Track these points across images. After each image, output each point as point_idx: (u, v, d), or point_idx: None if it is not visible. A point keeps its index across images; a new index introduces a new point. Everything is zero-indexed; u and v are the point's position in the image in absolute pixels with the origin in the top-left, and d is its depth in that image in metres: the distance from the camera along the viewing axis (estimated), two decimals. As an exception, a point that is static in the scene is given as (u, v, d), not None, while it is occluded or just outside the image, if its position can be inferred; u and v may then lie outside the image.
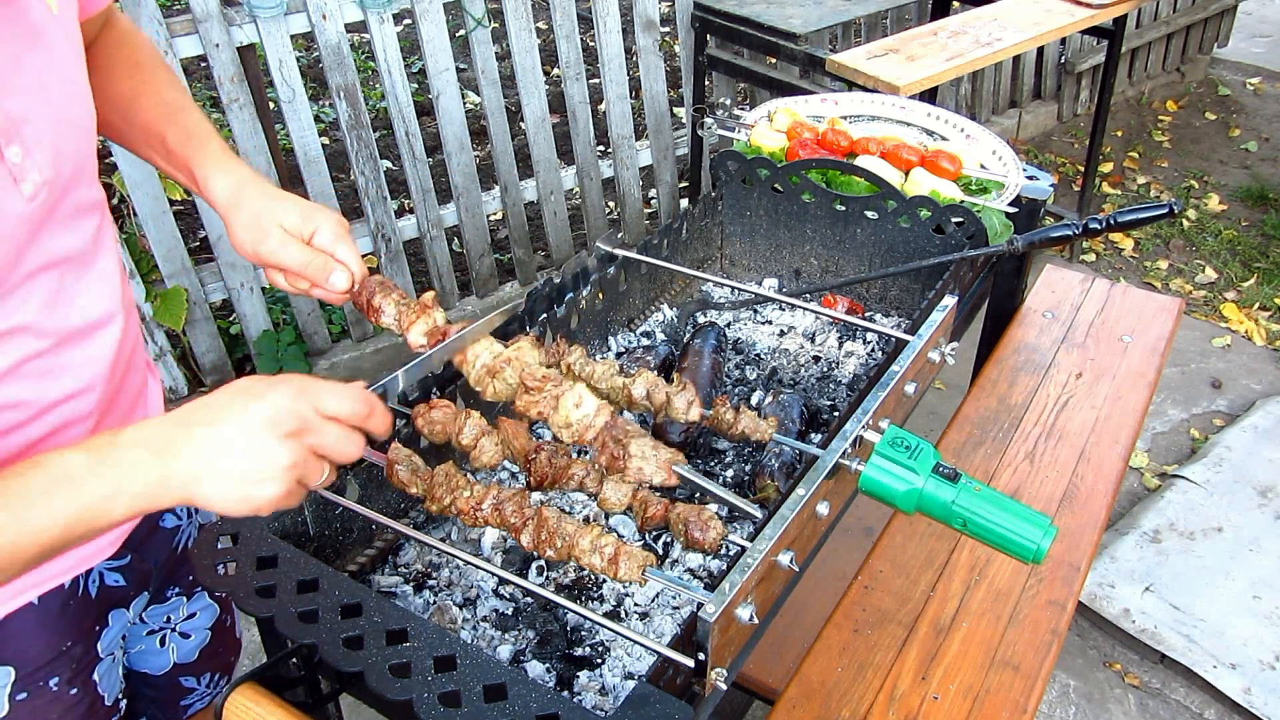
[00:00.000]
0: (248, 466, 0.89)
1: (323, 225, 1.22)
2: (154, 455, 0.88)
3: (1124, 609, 2.88)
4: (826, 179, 1.88)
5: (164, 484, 0.87)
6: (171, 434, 0.89)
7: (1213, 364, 4.06)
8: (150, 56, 1.30)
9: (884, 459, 1.17)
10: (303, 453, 0.91)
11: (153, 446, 0.88)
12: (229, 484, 0.89)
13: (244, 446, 0.89)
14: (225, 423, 0.90)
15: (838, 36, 4.72)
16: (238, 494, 0.89)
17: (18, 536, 0.83)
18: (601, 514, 1.43)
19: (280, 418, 0.90)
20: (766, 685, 1.98)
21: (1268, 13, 7.35)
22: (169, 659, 1.48)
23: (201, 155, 1.23)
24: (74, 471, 0.86)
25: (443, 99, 3.63)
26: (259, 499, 0.90)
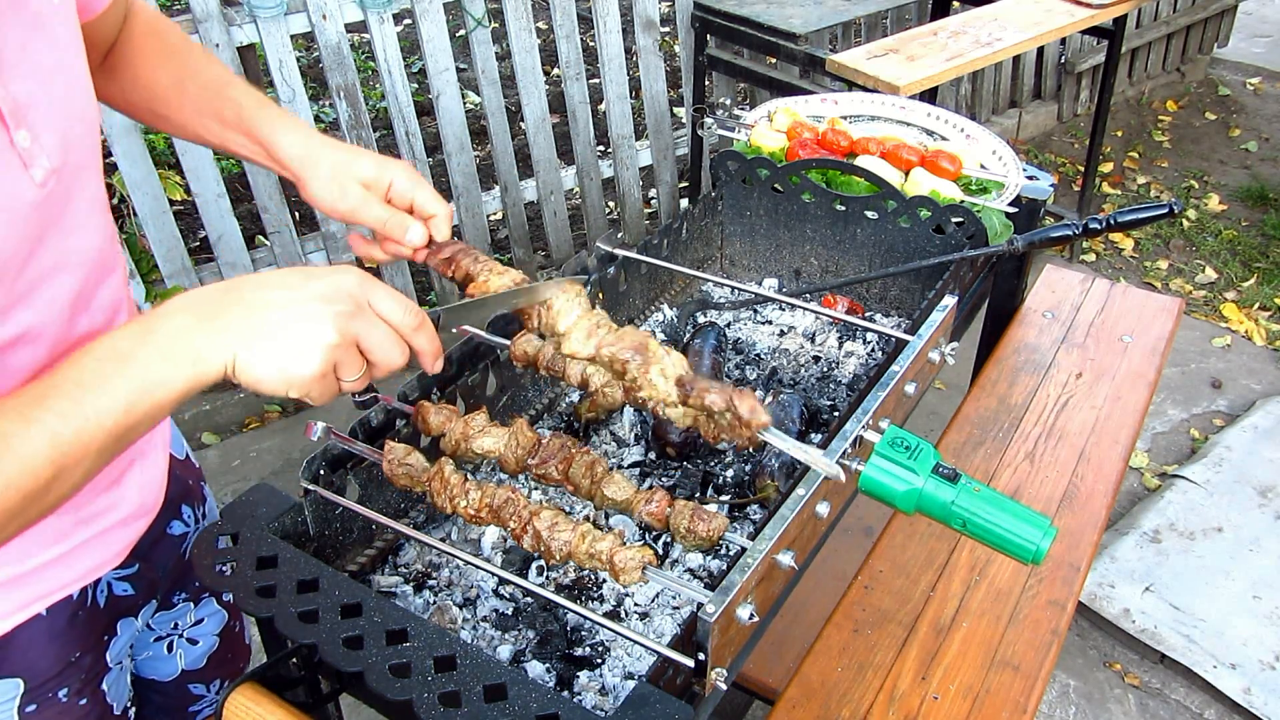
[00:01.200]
0: (291, 337, 0.88)
1: (397, 174, 1.24)
2: (198, 320, 0.87)
3: (1124, 609, 2.88)
4: (826, 179, 1.88)
5: (209, 347, 0.86)
6: (219, 298, 0.89)
7: (1213, 364, 4.06)
8: (182, 41, 1.30)
9: (884, 459, 1.17)
10: (348, 336, 0.91)
11: (198, 312, 0.88)
12: (268, 350, 0.87)
13: (291, 316, 0.88)
14: (276, 289, 0.90)
15: (838, 36, 4.72)
16: (275, 363, 0.88)
17: (82, 423, 0.82)
18: (602, 514, 1.43)
19: (336, 294, 0.90)
20: (766, 685, 1.98)
21: (1268, 13, 7.36)
22: (177, 665, 1.46)
23: (260, 119, 1.23)
24: (123, 349, 0.85)
25: (443, 99, 3.63)
26: (295, 374, 0.89)
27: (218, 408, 3.63)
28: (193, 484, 1.43)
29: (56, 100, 0.96)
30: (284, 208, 3.55)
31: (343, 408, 3.90)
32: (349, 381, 0.94)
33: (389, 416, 1.33)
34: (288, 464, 3.50)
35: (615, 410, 1.61)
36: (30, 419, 0.80)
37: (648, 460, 1.54)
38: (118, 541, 1.21)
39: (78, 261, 1.02)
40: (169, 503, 1.32)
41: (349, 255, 3.69)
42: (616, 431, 1.59)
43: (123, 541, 1.22)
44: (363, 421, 1.30)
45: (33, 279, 0.96)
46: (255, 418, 3.71)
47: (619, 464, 1.55)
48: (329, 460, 1.26)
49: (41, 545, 1.11)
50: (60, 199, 0.97)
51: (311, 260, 3.64)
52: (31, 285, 0.96)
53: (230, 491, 3.37)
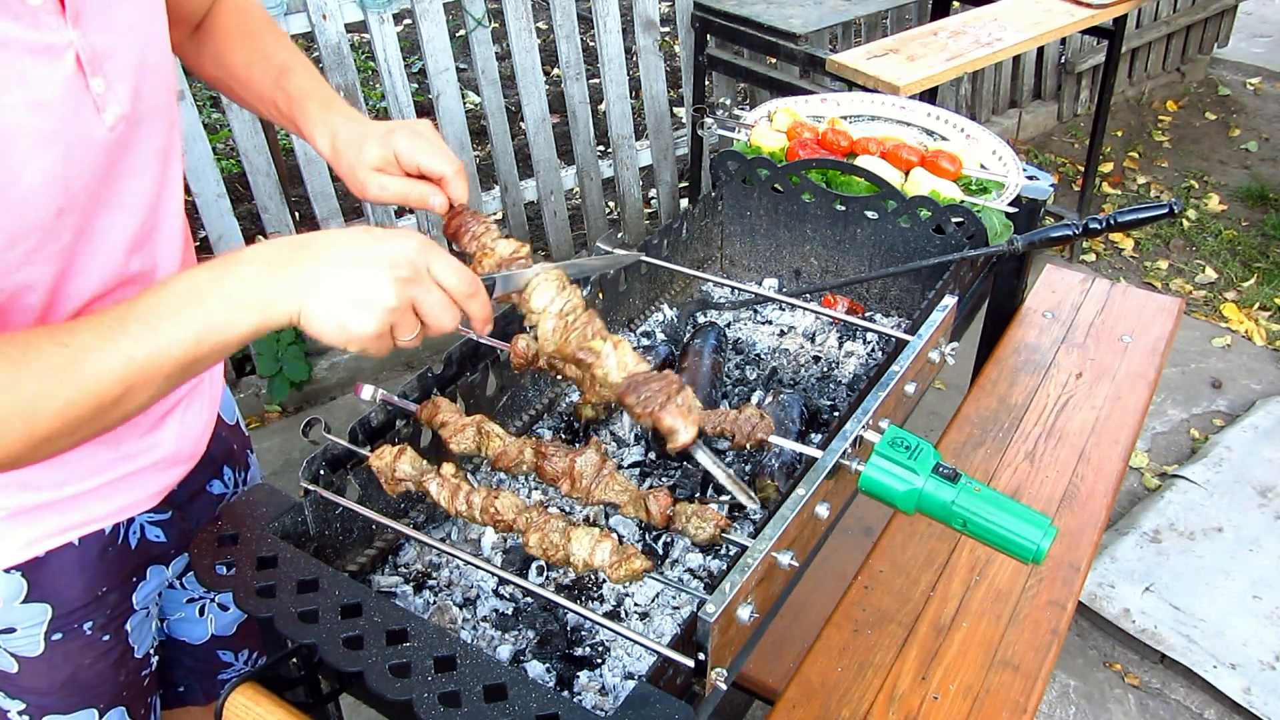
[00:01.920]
0: (354, 293, 0.93)
1: (399, 143, 1.26)
2: (269, 269, 0.93)
3: (1124, 609, 2.88)
4: (826, 179, 1.88)
5: (277, 296, 0.92)
6: (291, 252, 0.95)
7: (1213, 364, 4.06)
8: (260, 21, 1.38)
9: (884, 459, 1.17)
10: (406, 301, 0.96)
11: (271, 261, 0.93)
12: (332, 305, 0.93)
13: (356, 275, 0.93)
14: (345, 248, 0.95)
15: (838, 36, 4.72)
16: (337, 318, 0.93)
17: (154, 349, 0.89)
18: (601, 514, 1.43)
19: (398, 260, 0.95)
20: (766, 685, 1.98)
21: (1268, 13, 7.36)
22: (207, 629, 1.51)
23: (303, 118, 1.31)
24: (199, 286, 0.91)
25: (443, 99, 3.63)
26: (354, 331, 0.94)
27: (218, 408, 3.63)
28: (238, 449, 1.49)
29: (132, 53, 1.03)
30: (284, 208, 3.55)
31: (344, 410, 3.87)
32: (404, 340, 0.99)
33: (389, 416, 1.33)
34: (288, 464, 3.50)
35: (615, 408, 1.61)
36: (109, 337, 0.88)
37: (648, 460, 1.54)
38: (153, 484, 1.26)
39: (135, 204, 1.08)
40: (211, 460, 1.37)
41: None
42: (616, 431, 1.59)
43: (158, 485, 1.27)
44: (363, 421, 1.30)
45: (95, 214, 1.03)
46: (255, 418, 3.71)
47: (619, 464, 1.55)
48: (329, 460, 1.26)
49: (80, 476, 1.16)
50: (127, 143, 1.04)
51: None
52: (93, 219, 1.03)
53: (230, 491, 3.37)
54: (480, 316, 1.06)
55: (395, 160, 1.27)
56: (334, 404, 3.79)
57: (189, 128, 3.18)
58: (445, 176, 1.27)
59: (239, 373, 3.70)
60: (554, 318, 1.17)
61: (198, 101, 3.32)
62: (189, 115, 3.16)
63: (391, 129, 1.27)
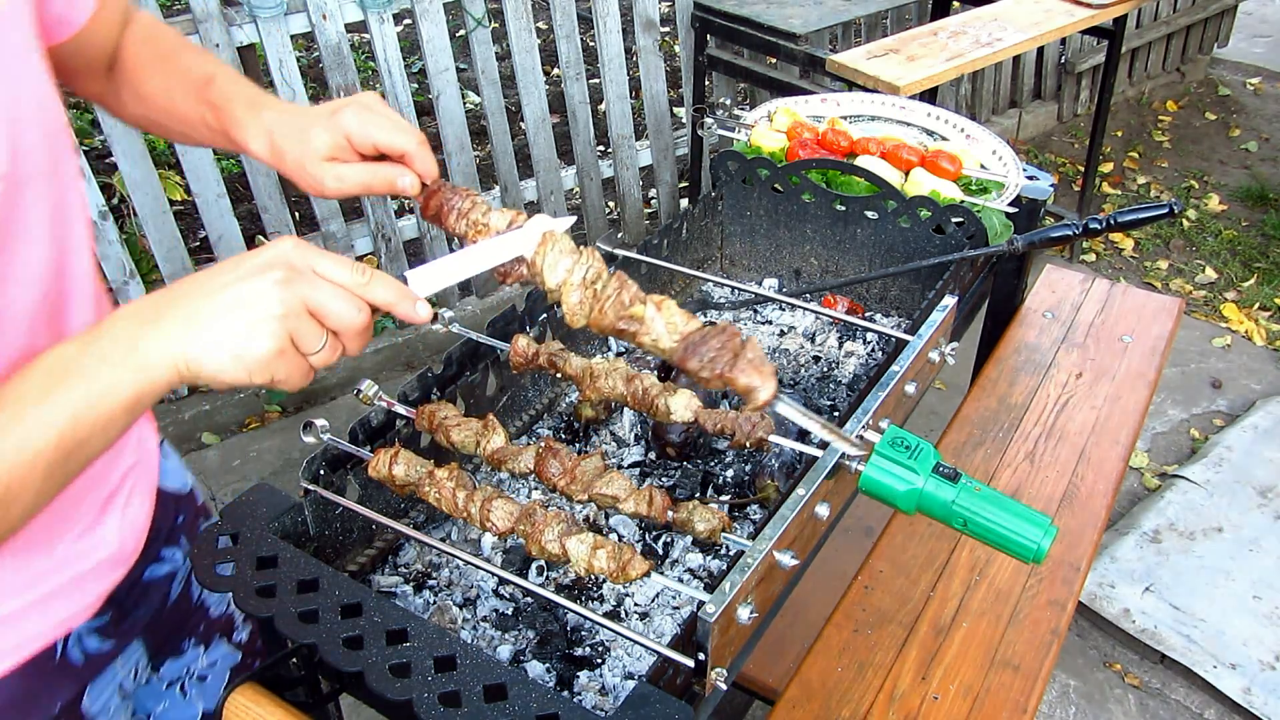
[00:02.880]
0: (235, 316, 0.82)
1: (348, 123, 1.12)
2: (140, 321, 0.83)
3: (1124, 609, 2.88)
4: (826, 179, 1.88)
5: (155, 347, 0.82)
6: (158, 299, 0.85)
7: (1213, 364, 4.06)
8: (173, 42, 1.26)
9: (884, 459, 1.17)
10: (296, 302, 0.84)
11: (139, 314, 0.83)
12: (217, 335, 0.82)
13: (233, 293, 0.83)
14: (215, 275, 0.85)
15: (838, 36, 4.72)
16: (228, 348, 0.82)
17: (23, 442, 0.79)
18: (601, 514, 1.43)
19: (273, 263, 0.85)
20: (766, 685, 1.98)
21: (1268, 13, 7.36)
22: (196, 708, 1.40)
23: (231, 125, 1.17)
24: (67, 359, 0.82)
25: (443, 99, 3.63)
26: (251, 354, 0.83)
27: (218, 407, 3.63)
28: (186, 521, 1.34)
29: (3, 107, 0.91)
30: (284, 207, 3.55)
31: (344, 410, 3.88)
32: (316, 354, 0.87)
33: (389, 416, 1.33)
34: (288, 464, 3.50)
35: (614, 408, 1.61)
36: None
37: (648, 460, 1.54)
38: (95, 589, 1.14)
39: (32, 274, 0.96)
40: (146, 546, 1.23)
41: (350, 255, 3.69)
42: (616, 431, 1.59)
43: (100, 589, 1.15)
44: (363, 421, 1.30)
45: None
46: (255, 418, 3.71)
47: (619, 464, 1.55)
48: (329, 460, 1.26)
49: (14, 590, 1.04)
50: (11, 206, 0.92)
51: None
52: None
53: (230, 491, 3.37)
54: (393, 298, 0.91)
55: (348, 143, 1.13)
56: (334, 404, 3.79)
57: (189, 128, 3.18)
58: (407, 151, 1.14)
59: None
60: (578, 289, 1.04)
61: (198, 101, 3.31)
62: (189, 115, 3.16)
63: (336, 109, 1.13)
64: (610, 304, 1.04)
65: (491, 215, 1.12)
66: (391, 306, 0.91)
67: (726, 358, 1.01)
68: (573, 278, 1.04)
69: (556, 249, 1.05)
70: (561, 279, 1.05)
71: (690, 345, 1.03)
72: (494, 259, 1.08)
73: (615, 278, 1.05)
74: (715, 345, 1.02)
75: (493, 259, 1.08)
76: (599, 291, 1.04)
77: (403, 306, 0.92)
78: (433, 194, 1.17)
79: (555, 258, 1.05)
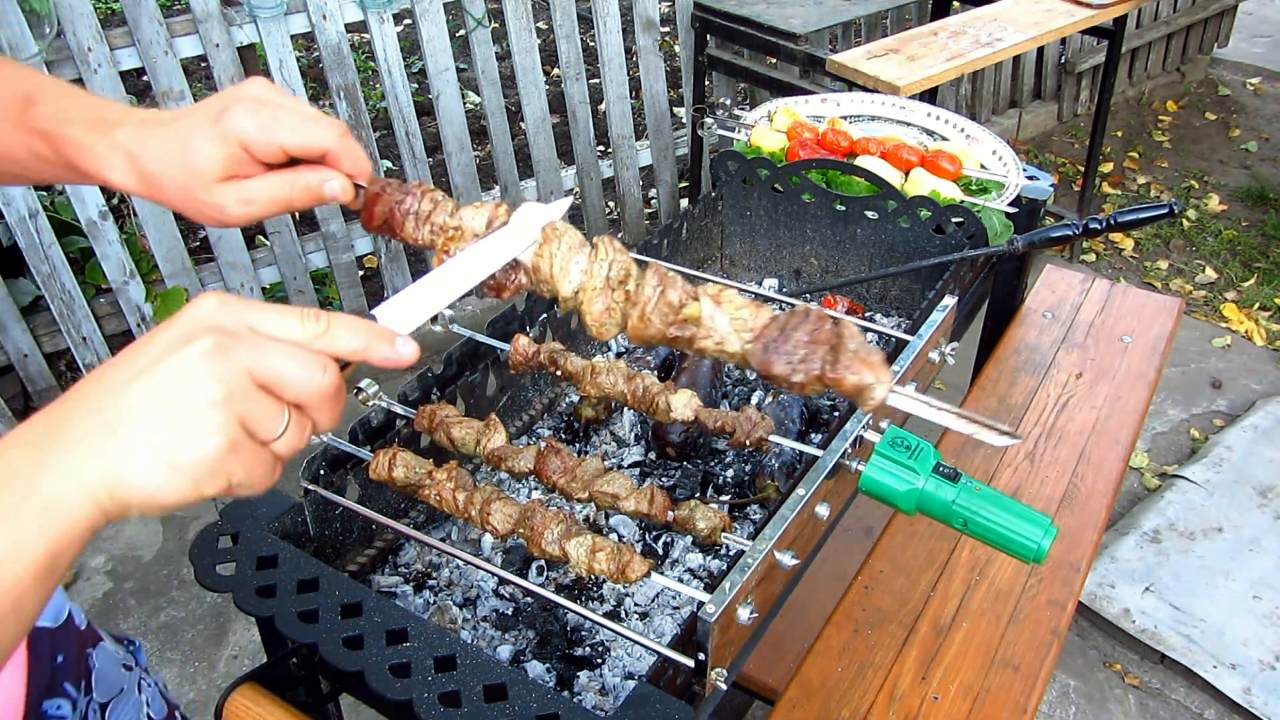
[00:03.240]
0: (162, 413, 0.62)
1: (239, 124, 0.86)
2: (34, 449, 0.62)
3: (1124, 609, 2.88)
4: (826, 179, 1.88)
5: (62, 483, 0.61)
6: (56, 412, 0.64)
7: (1213, 364, 4.06)
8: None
9: (884, 459, 1.17)
10: (238, 377, 0.64)
11: (31, 440, 0.63)
12: (141, 446, 0.61)
13: (151, 386, 0.62)
14: (123, 363, 0.65)
15: (838, 36, 4.72)
16: (163, 460, 0.62)
17: None
18: (601, 514, 1.43)
19: (193, 330, 0.65)
20: (766, 685, 1.98)
21: (1268, 13, 7.35)
22: None
23: (74, 152, 0.89)
24: None
25: (443, 99, 3.63)
26: (193, 461, 0.62)
27: (218, 408, 3.62)
28: (66, 660, 1.06)
29: None
30: (284, 208, 3.54)
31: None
32: (279, 440, 0.67)
33: (389, 415, 1.33)
34: (287, 464, 3.50)
35: (614, 408, 1.61)
36: None
37: (648, 460, 1.54)
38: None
39: None
40: (27, 715, 0.99)
41: (350, 255, 3.69)
42: (616, 431, 1.59)
43: None
44: (363, 421, 1.30)
45: None
46: (255, 418, 3.71)
47: (619, 464, 1.55)
48: (329, 460, 1.26)
49: None
50: None
51: (311, 260, 3.64)
52: None
53: (230, 491, 3.36)
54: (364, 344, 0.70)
55: (244, 152, 0.87)
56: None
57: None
58: (328, 148, 0.89)
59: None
60: (604, 294, 0.83)
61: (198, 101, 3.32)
62: (189, 115, 3.16)
63: (220, 111, 0.87)
64: (654, 308, 0.83)
65: (463, 214, 0.89)
66: (363, 353, 0.71)
67: (822, 353, 0.81)
68: (593, 279, 0.83)
69: (564, 245, 0.84)
70: (578, 283, 0.84)
71: (770, 345, 0.82)
72: (481, 271, 0.85)
73: (653, 273, 0.84)
74: (802, 339, 0.82)
75: (480, 271, 0.85)
76: (633, 293, 0.83)
77: (377, 350, 0.71)
78: (374, 198, 0.92)
79: (565, 256, 0.84)
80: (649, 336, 0.84)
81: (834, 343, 0.82)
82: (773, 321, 0.84)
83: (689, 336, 0.84)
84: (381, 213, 0.92)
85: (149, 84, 3.12)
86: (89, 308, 3.24)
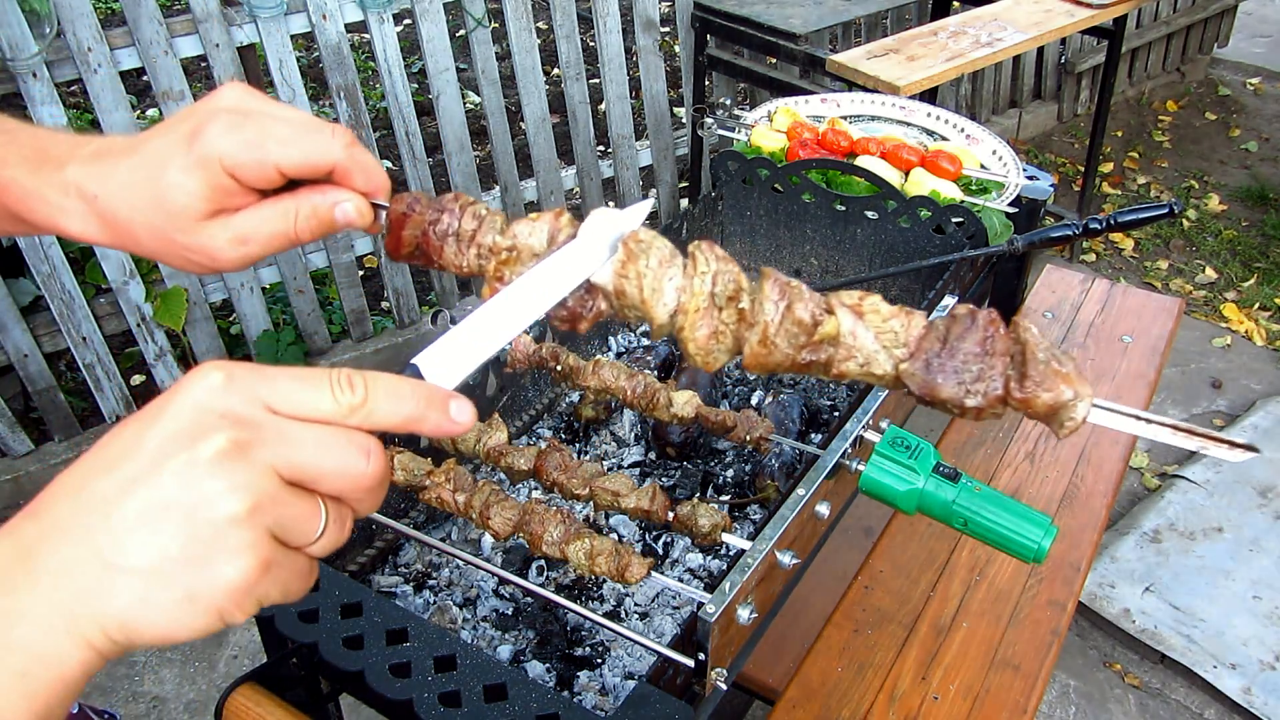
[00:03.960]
0: (172, 538, 0.49)
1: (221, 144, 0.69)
2: (5, 592, 0.49)
3: (1124, 609, 2.88)
4: (826, 179, 1.88)
5: (47, 631, 0.49)
6: (25, 536, 0.50)
7: (1213, 364, 4.06)
8: None
9: (884, 459, 1.17)
10: (265, 483, 0.51)
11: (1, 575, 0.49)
12: (149, 582, 0.49)
13: (153, 503, 0.49)
14: (108, 472, 0.51)
15: (838, 36, 4.72)
16: (174, 595, 0.49)
17: None
18: (601, 514, 1.43)
19: (203, 421, 0.51)
20: (766, 685, 1.98)
21: (1268, 13, 7.35)
22: None
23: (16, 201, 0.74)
24: None
25: (443, 99, 3.63)
26: (216, 592, 0.50)
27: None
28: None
29: None
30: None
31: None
32: (319, 542, 0.55)
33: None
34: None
35: (615, 408, 1.61)
36: None
37: (648, 460, 1.54)
38: None
39: None
40: None
41: (350, 255, 3.69)
42: (616, 431, 1.59)
43: None
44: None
45: None
46: (255, 418, 3.71)
47: (619, 464, 1.55)
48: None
49: None
50: None
51: (311, 260, 3.64)
52: None
53: (230, 491, 3.36)
54: (404, 413, 0.57)
55: (231, 180, 0.70)
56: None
57: (189, 128, 3.18)
58: (335, 162, 0.72)
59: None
60: (709, 315, 0.68)
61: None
62: (189, 115, 3.16)
63: (193, 132, 0.70)
64: (779, 329, 0.68)
65: (516, 230, 0.73)
66: (411, 424, 0.58)
67: (1001, 367, 0.66)
68: (694, 298, 0.68)
69: (653, 259, 0.68)
70: (675, 303, 0.69)
71: (933, 363, 0.67)
72: (548, 300, 0.68)
73: (772, 284, 0.69)
74: (973, 351, 0.67)
75: (546, 301, 0.68)
76: (749, 311, 0.69)
77: (429, 419, 0.58)
78: (401, 219, 0.75)
79: (656, 274, 0.68)
80: (773, 364, 0.69)
81: (1020, 354, 0.66)
82: (929, 331, 0.68)
83: (825, 360, 0.69)
84: (413, 236, 0.74)
85: (149, 84, 3.12)
86: (89, 308, 3.23)
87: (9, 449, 3.29)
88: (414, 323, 3.92)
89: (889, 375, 0.69)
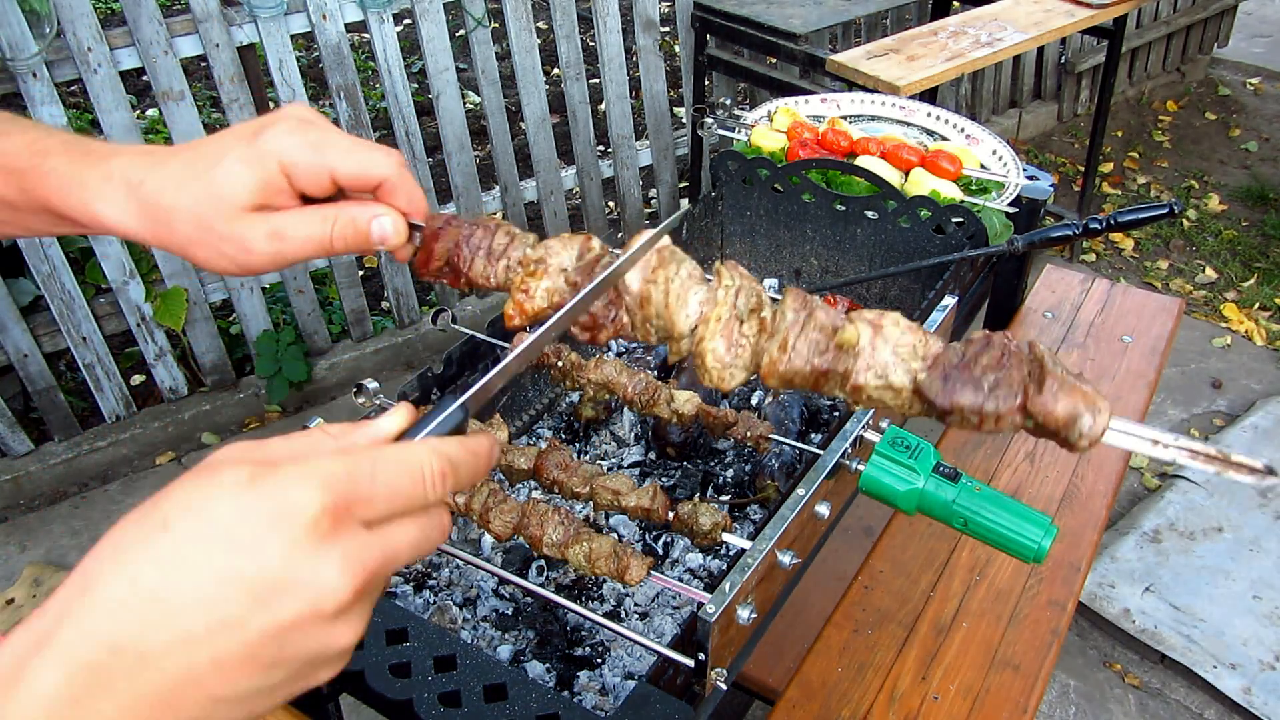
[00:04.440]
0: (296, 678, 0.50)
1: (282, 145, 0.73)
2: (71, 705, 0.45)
3: (1124, 609, 2.88)
4: (826, 179, 1.88)
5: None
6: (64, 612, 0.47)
7: (1213, 364, 4.06)
8: None
9: (884, 459, 1.17)
10: (374, 588, 0.52)
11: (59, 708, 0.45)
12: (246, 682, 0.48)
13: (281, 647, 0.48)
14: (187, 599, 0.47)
15: (838, 36, 4.72)
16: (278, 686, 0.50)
17: None
18: (601, 514, 1.43)
19: (309, 535, 0.48)
20: (766, 685, 1.98)
21: (1268, 13, 7.36)
22: None
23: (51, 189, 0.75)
24: None
25: (443, 99, 3.63)
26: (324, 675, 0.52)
27: (218, 407, 3.63)
28: None
29: None
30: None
31: (343, 410, 3.88)
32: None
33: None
34: (288, 464, 3.49)
35: (615, 408, 1.61)
36: None
37: (648, 460, 1.54)
38: None
39: None
40: None
41: (350, 255, 3.69)
42: (616, 431, 1.59)
43: None
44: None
45: None
46: (255, 418, 3.71)
47: (619, 464, 1.55)
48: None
49: None
50: None
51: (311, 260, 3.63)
52: None
53: (230, 491, 3.36)
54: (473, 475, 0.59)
55: (285, 179, 0.73)
56: (334, 404, 3.79)
57: (189, 127, 3.18)
58: (385, 178, 0.75)
59: (238, 373, 3.70)
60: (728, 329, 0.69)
61: (198, 102, 3.32)
62: (189, 115, 3.16)
63: (258, 129, 0.74)
64: (800, 335, 0.68)
65: (548, 243, 0.76)
66: (480, 476, 0.60)
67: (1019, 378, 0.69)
68: (718, 309, 0.69)
69: (682, 270, 0.68)
70: (697, 315, 0.69)
71: (951, 373, 0.69)
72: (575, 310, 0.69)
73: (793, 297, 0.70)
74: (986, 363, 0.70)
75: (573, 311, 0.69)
76: (769, 322, 0.69)
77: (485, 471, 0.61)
78: (434, 237, 0.78)
79: (683, 284, 0.68)
80: (792, 372, 0.69)
81: (1033, 369, 0.69)
82: (948, 349, 0.71)
83: (843, 371, 0.69)
84: (444, 250, 0.77)
85: (149, 84, 3.12)
86: (89, 308, 3.24)
87: (9, 449, 3.29)
88: (414, 323, 3.93)
89: (905, 388, 0.70)
